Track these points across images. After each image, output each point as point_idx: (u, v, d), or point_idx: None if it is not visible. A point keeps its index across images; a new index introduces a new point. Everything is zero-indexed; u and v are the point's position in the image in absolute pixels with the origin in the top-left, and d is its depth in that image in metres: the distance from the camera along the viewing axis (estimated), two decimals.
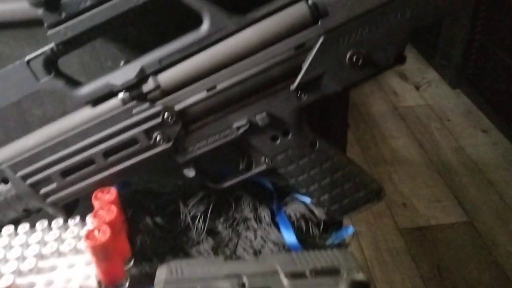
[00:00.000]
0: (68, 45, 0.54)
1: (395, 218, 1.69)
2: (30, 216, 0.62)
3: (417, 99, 2.35)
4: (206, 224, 0.62)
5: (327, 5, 0.52)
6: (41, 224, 0.61)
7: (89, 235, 0.52)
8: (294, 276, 0.49)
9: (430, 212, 1.70)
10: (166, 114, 0.55)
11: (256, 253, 0.59)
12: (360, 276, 0.48)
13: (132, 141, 0.57)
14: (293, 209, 0.62)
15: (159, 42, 0.56)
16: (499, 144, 2.01)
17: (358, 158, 1.96)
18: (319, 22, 0.53)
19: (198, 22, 0.54)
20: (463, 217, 1.67)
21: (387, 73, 0.63)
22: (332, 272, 0.49)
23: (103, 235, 0.52)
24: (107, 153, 0.57)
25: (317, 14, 0.52)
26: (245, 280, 0.49)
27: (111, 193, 0.58)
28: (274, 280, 0.49)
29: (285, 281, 0.48)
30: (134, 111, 0.55)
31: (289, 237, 0.59)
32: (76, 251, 0.58)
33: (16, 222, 0.61)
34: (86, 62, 0.63)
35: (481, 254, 1.54)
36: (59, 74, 0.56)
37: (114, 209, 0.56)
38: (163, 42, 0.56)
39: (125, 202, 0.63)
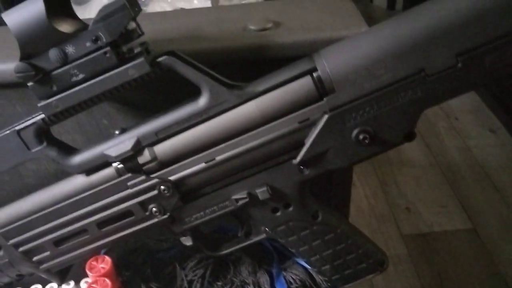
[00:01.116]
0: (60, 116, 0.51)
1: (398, 224, 1.67)
2: (23, 279, 0.60)
3: None
4: None
5: (333, 82, 0.49)
6: None
7: None
8: None
9: (433, 218, 1.68)
10: (162, 187, 0.53)
11: None
12: None
13: (127, 213, 0.55)
14: (294, 274, 0.61)
15: (157, 102, 0.54)
16: (507, 145, 1.97)
17: None
18: (325, 99, 0.49)
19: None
20: (467, 223, 1.65)
21: None
22: None
23: None
24: (101, 224, 0.55)
25: (323, 90, 0.49)
26: None
27: (105, 262, 0.57)
28: None
29: None
30: (129, 183, 0.53)
31: None
32: None
33: (9, 286, 0.60)
34: (81, 120, 0.60)
35: (483, 263, 1.52)
36: (52, 143, 0.53)
37: (108, 283, 0.54)
38: (161, 102, 0.53)
39: (120, 263, 0.61)
